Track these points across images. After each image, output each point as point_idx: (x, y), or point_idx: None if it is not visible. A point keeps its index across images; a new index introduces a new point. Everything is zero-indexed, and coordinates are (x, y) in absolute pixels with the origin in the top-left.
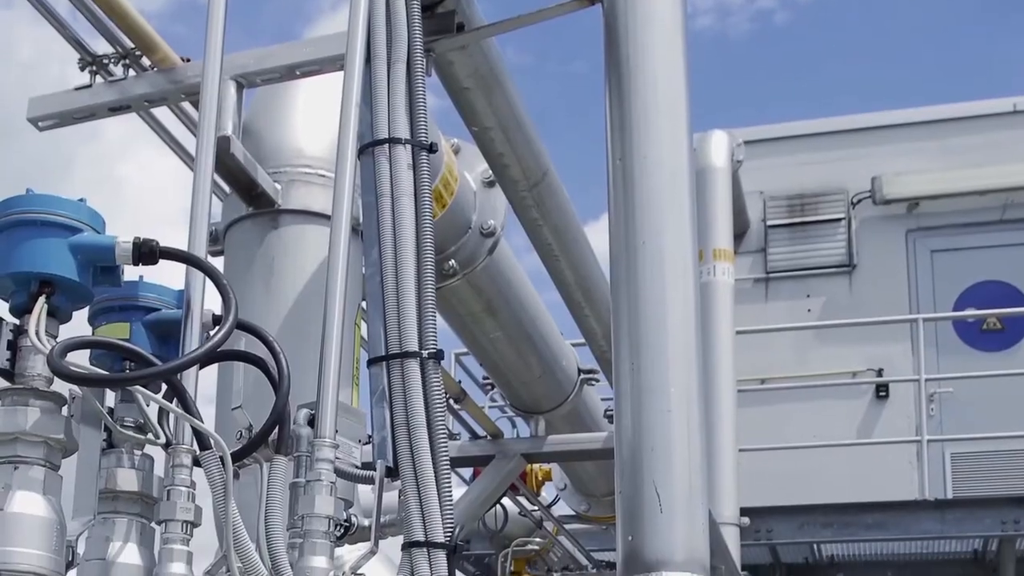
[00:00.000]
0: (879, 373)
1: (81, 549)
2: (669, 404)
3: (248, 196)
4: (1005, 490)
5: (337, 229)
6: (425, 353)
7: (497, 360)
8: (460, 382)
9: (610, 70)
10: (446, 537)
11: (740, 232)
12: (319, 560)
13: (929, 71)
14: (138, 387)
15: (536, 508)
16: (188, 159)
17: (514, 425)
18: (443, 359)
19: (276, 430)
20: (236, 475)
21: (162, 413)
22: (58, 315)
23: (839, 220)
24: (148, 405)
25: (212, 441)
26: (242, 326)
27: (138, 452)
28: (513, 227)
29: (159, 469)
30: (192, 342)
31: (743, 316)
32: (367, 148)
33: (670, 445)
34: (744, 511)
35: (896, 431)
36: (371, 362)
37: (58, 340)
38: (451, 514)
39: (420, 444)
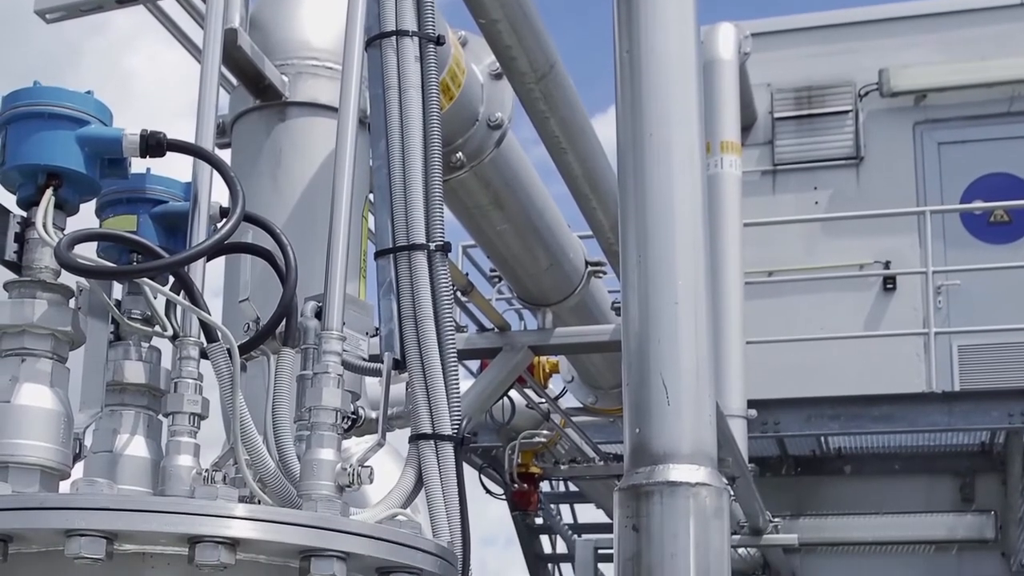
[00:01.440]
0: (886, 265)
1: (88, 441)
2: (676, 296)
3: (255, 88)
4: (1012, 382)
5: (344, 121)
6: (432, 245)
7: (504, 252)
8: (467, 274)
9: None
10: (453, 429)
11: (747, 124)
12: (326, 452)
13: None
14: (145, 279)
15: (543, 400)
16: (195, 52)
17: (521, 317)
18: (450, 251)
19: (283, 322)
20: (243, 367)
21: (169, 305)
22: (65, 208)
23: (846, 112)
24: (155, 297)
25: (219, 333)
26: (249, 218)
27: (145, 344)
28: (520, 120)
29: (166, 361)
30: (199, 234)
31: (750, 208)
32: (374, 40)
33: (677, 337)
34: (751, 403)
35: (903, 323)
36: (378, 254)
37: (65, 233)
38: (458, 406)
39: (427, 336)
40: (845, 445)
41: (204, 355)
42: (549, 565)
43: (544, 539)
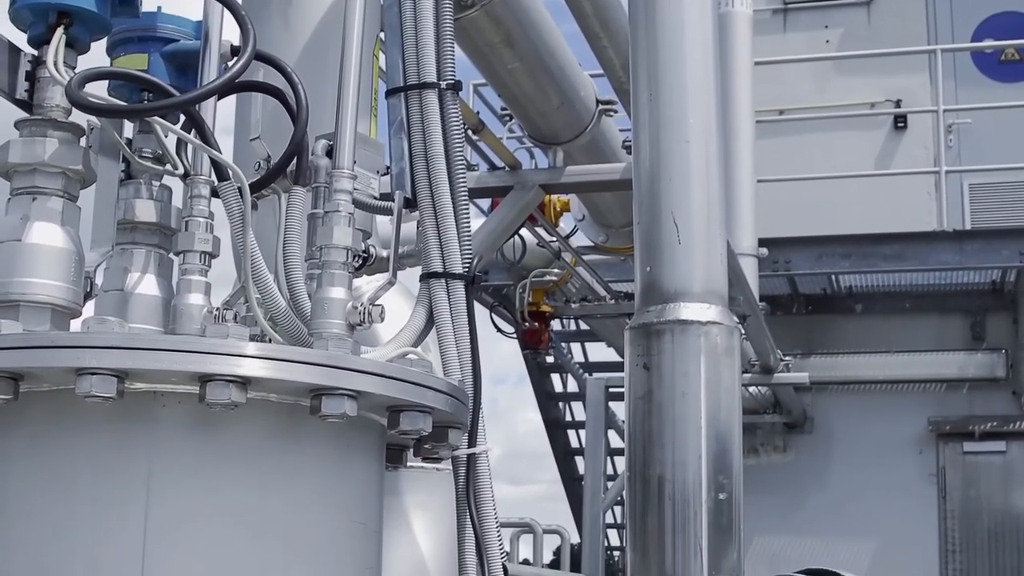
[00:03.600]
0: (897, 104)
1: (99, 280)
2: (687, 135)
3: None
4: (1023, 221)
5: None
6: (443, 84)
7: (515, 91)
8: (478, 113)
9: None
10: (464, 268)
11: None
12: (337, 291)
13: None
14: (156, 118)
15: (554, 239)
16: None
17: (532, 156)
18: (461, 90)
19: (294, 161)
20: (254, 206)
21: (180, 144)
22: (76, 46)
23: None
24: (166, 136)
25: (230, 172)
26: (260, 57)
27: (156, 183)
28: None
29: (177, 200)
30: (210, 73)
31: (761, 47)
32: None
33: (688, 175)
34: (762, 242)
35: (914, 162)
36: (389, 93)
37: (76, 71)
38: (469, 245)
39: (438, 174)
40: (856, 284)
41: (215, 194)
42: (560, 403)
43: (555, 377)
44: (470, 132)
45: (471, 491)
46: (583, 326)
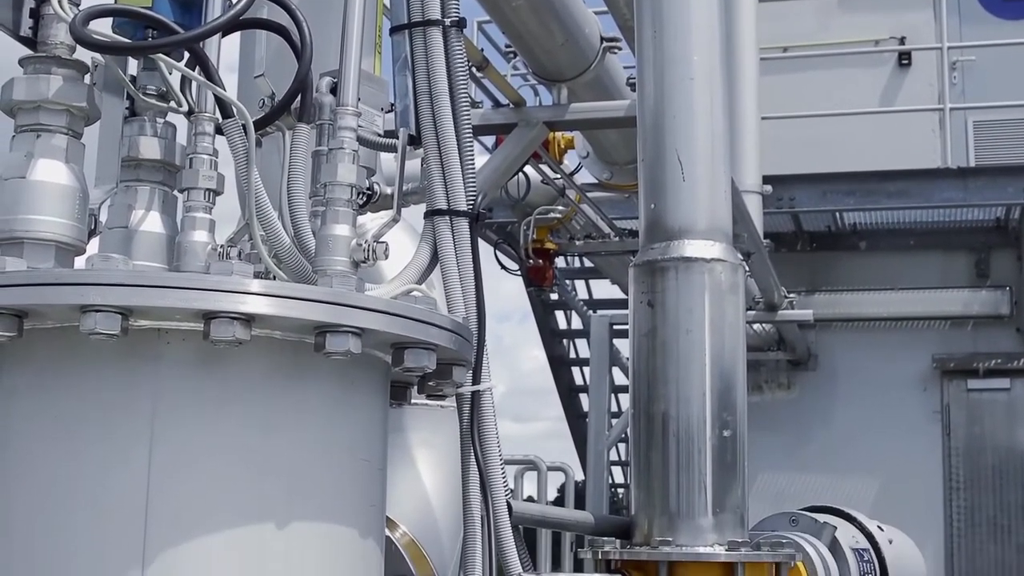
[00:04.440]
0: (901, 41)
1: (103, 217)
2: (692, 72)
3: None
4: None
5: None
6: (447, 20)
7: (519, 28)
8: (483, 50)
9: None
10: (468, 205)
11: None
12: (341, 228)
13: None
14: (160, 55)
15: (558, 176)
16: None
17: (536, 93)
18: (465, 27)
19: (298, 98)
20: (258, 143)
21: (184, 81)
22: None
23: None
24: (170, 73)
25: (234, 109)
26: None
27: (160, 120)
28: None
29: (181, 138)
30: (214, 10)
31: None
32: None
33: (692, 113)
34: (767, 179)
35: (919, 99)
36: (393, 30)
37: (80, 8)
38: (473, 182)
39: (442, 112)
40: (860, 221)
41: (219, 131)
42: (564, 341)
43: (559, 315)
44: (474, 69)
45: (475, 428)
46: (587, 263)
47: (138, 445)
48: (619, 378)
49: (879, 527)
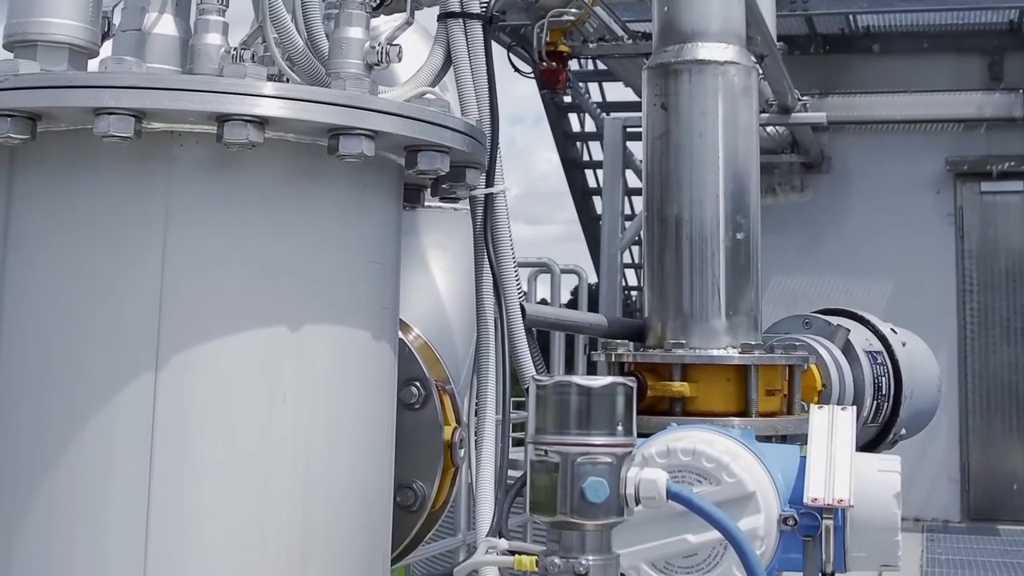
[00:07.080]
0: None
1: (117, 20)
2: None
3: None
4: None
5: None
6: None
7: None
8: None
9: None
10: (482, 7)
11: None
12: (355, 31)
13: None
14: None
15: None
16: None
17: None
18: None
19: None
20: None
21: None
22: None
23: None
24: None
25: None
26: None
27: None
28: None
29: None
30: None
31: None
32: None
33: None
34: None
35: None
36: None
37: None
38: None
39: None
40: (873, 23)
41: None
42: (577, 143)
43: (572, 117)
44: None
45: (488, 231)
46: (601, 66)
47: (151, 246)
48: (632, 181)
49: (892, 330)
